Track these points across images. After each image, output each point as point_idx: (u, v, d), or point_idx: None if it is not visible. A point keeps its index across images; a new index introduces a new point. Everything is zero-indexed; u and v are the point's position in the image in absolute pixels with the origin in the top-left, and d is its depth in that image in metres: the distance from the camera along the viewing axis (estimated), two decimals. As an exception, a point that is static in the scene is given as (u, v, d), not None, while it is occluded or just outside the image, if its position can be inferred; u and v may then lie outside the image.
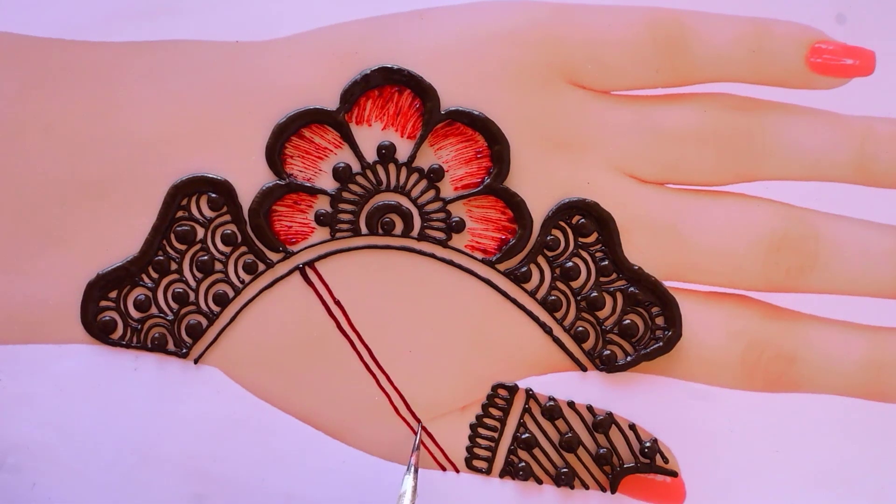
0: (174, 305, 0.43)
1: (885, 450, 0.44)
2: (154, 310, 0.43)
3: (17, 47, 0.42)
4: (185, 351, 0.44)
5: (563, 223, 0.43)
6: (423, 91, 0.42)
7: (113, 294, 0.43)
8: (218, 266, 0.43)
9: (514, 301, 0.44)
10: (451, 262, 0.43)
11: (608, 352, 0.44)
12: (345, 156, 0.43)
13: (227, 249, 0.43)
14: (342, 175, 0.43)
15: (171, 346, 0.44)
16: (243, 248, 0.43)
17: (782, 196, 0.43)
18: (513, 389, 0.44)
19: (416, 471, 0.41)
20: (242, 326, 0.44)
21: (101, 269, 0.43)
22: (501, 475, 0.45)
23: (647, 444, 0.44)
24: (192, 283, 0.43)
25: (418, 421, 0.44)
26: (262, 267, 0.43)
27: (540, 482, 0.45)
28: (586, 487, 0.44)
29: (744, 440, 0.44)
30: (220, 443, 0.44)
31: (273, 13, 0.42)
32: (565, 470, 0.44)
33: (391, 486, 0.44)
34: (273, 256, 0.43)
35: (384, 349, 0.44)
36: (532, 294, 0.43)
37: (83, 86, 0.42)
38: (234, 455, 0.44)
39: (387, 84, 0.42)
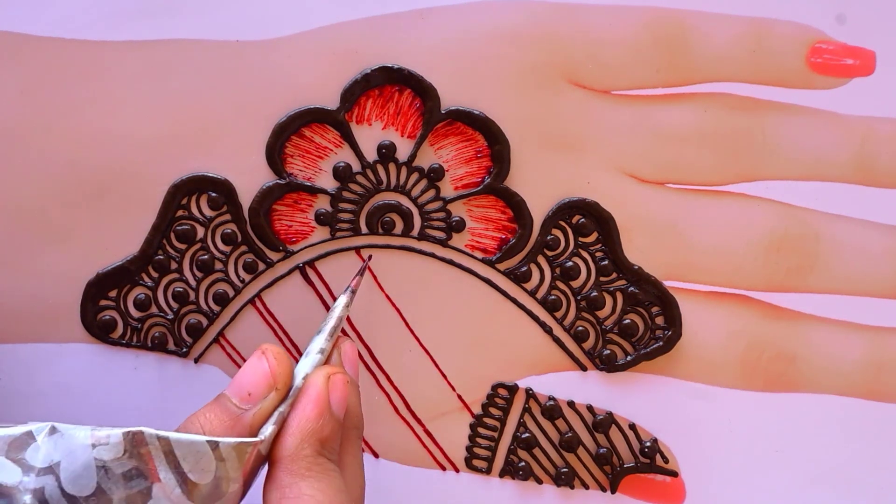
0: (174, 305, 0.43)
1: (884, 450, 0.44)
2: (154, 309, 0.43)
3: (17, 47, 0.42)
4: (185, 350, 0.44)
5: (563, 223, 0.43)
6: (423, 90, 0.42)
7: (113, 293, 0.43)
8: (218, 265, 0.43)
9: (514, 301, 0.43)
10: (451, 262, 0.43)
11: (608, 351, 0.44)
12: (345, 155, 0.43)
13: (227, 249, 0.43)
14: (342, 174, 0.43)
15: (171, 346, 0.44)
16: (243, 248, 0.43)
17: (782, 196, 0.43)
18: (513, 389, 0.44)
19: (353, 293, 0.40)
20: (242, 326, 0.44)
21: (101, 269, 0.43)
22: (501, 475, 0.45)
23: (647, 444, 0.44)
24: (193, 283, 0.43)
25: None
26: (262, 266, 0.43)
27: (540, 482, 0.44)
28: (586, 487, 0.44)
29: (744, 440, 0.44)
30: (220, 442, 0.44)
31: (274, 12, 0.42)
32: (565, 470, 0.44)
33: (391, 485, 0.44)
34: (273, 256, 0.43)
35: (384, 349, 0.44)
36: (532, 294, 0.43)
37: (83, 86, 0.42)
38: (233, 455, 0.44)
39: (387, 83, 0.42)
